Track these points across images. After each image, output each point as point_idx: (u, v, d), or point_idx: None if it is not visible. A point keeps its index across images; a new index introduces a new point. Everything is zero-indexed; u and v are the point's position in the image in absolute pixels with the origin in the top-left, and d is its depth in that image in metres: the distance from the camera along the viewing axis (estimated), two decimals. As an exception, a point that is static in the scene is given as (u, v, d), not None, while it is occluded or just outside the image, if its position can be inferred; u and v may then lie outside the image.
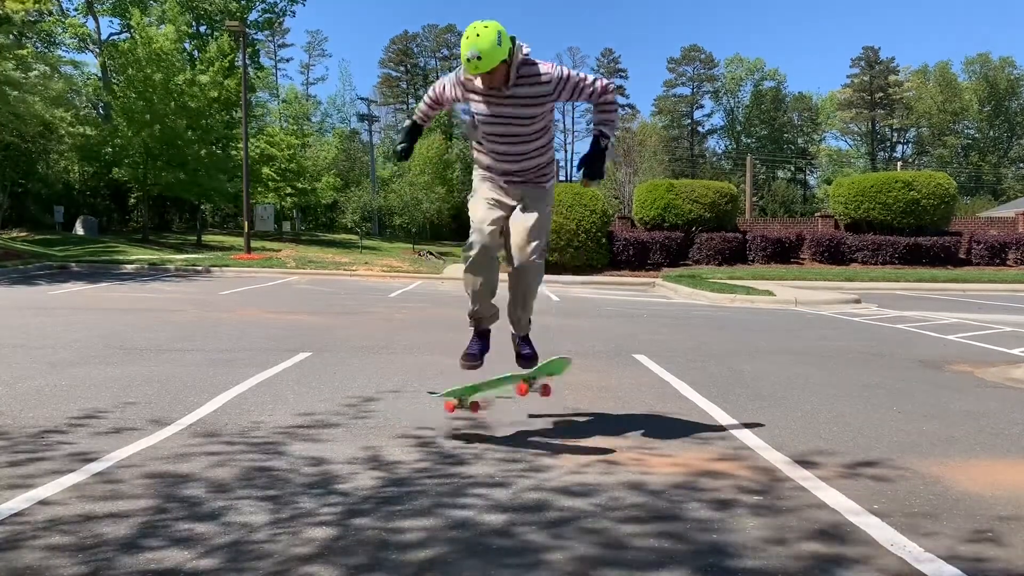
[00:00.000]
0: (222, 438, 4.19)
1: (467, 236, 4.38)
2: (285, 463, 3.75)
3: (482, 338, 4.39)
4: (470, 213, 4.20)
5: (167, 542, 2.77)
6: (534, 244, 4.08)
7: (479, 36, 3.66)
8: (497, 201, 4.15)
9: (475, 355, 4.33)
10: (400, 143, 4.35)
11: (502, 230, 4.16)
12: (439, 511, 3.12)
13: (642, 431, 4.46)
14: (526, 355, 4.38)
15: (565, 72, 3.94)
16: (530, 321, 4.44)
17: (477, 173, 4.31)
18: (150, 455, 3.84)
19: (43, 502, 3.15)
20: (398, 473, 3.63)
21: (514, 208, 4.16)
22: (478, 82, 3.91)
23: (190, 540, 2.79)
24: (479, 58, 3.66)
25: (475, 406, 4.46)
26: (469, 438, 4.26)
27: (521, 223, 4.10)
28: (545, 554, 2.71)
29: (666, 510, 3.17)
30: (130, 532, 2.86)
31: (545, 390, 4.35)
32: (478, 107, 3.99)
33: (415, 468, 3.71)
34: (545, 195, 4.22)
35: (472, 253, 4.09)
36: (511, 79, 3.83)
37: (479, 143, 4.13)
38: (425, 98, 4.33)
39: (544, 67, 3.89)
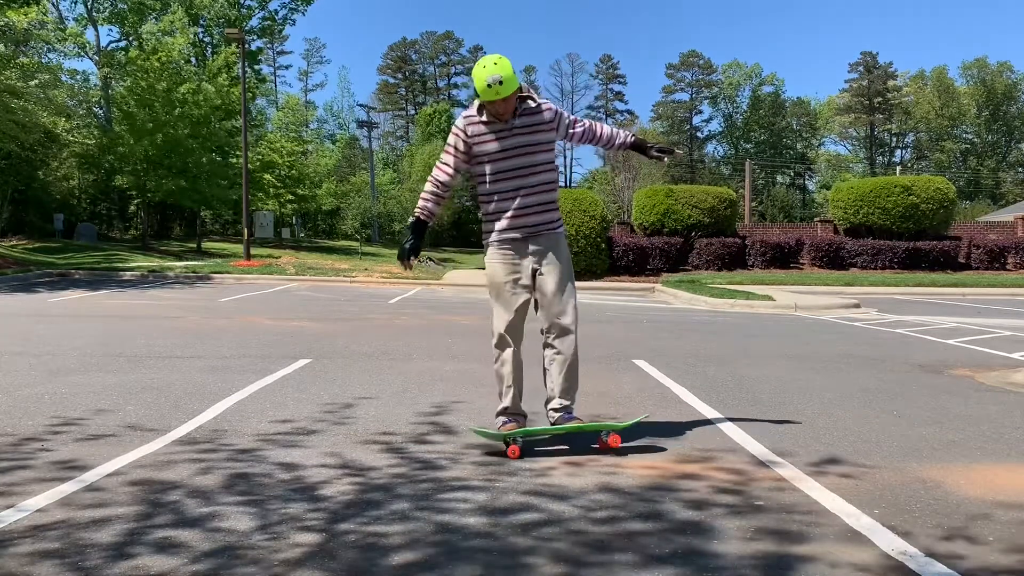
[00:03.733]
0: (220, 445, 4.18)
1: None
2: (283, 470, 3.75)
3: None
4: (493, 303, 4.19)
5: (159, 549, 2.76)
6: (570, 313, 4.13)
7: (496, 64, 3.88)
8: (516, 282, 4.13)
9: (520, 417, 4.21)
10: (408, 240, 4.28)
11: (524, 319, 4.16)
12: (425, 515, 3.11)
13: (641, 435, 4.46)
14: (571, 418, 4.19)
15: (560, 109, 4.26)
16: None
17: (491, 246, 4.19)
18: (148, 462, 3.84)
19: (39, 510, 3.15)
20: (384, 478, 3.62)
21: (534, 275, 4.13)
22: (480, 126, 4.06)
23: (182, 547, 2.78)
24: (500, 83, 3.85)
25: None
26: (468, 444, 4.26)
27: (551, 294, 4.11)
28: (533, 556, 2.71)
29: (663, 513, 3.17)
30: (125, 540, 2.85)
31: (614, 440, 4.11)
32: (488, 147, 4.08)
33: (403, 473, 3.70)
34: (561, 243, 4.22)
35: (503, 355, 4.14)
36: (517, 111, 4.05)
37: (488, 193, 4.17)
38: (429, 190, 4.22)
39: (540, 99, 4.18)
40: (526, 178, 4.10)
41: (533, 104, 4.10)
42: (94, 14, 41.43)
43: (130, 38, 40.44)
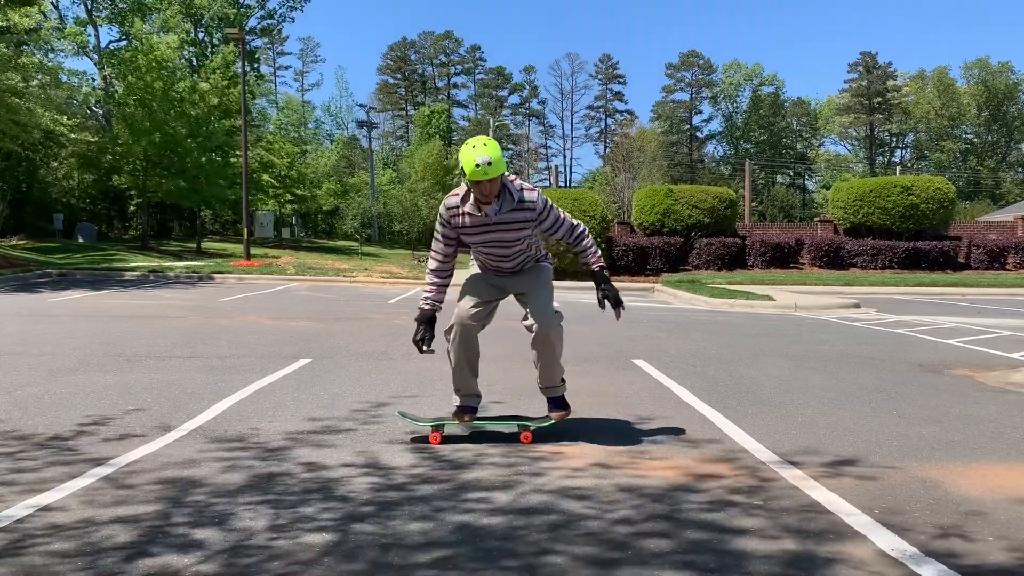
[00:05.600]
0: (222, 445, 4.19)
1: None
2: (285, 469, 3.75)
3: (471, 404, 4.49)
4: (457, 302, 4.42)
5: (166, 548, 2.77)
6: (550, 305, 4.33)
7: (487, 146, 3.93)
8: (484, 291, 4.38)
9: (470, 410, 4.42)
10: (423, 336, 4.37)
11: (485, 314, 4.39)
12: (440, 515, 3.12)
13: (641, 435, 4.47)
14: (556, 409, 4.45)
15: (548, 204, 4.23)
16: (563, 381, 4.49)
17: (471, 265, 4.54)
18: (148, 462, 3.84)
19: (44, 508, 3.16)
20: (398, 478, 3.63)
21: (504, 291, 4.43)
22: (464, 217, 4.17)
23: (190, 546, 2.79)
24: (489, 164, 3.89)
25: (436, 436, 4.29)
26: (467, 442, 4.26)
27: (532, 292, 4.34)
28: (546, 556, 2.71)
29: (665, 513, 3.17)
30: (130, 538, 2.86)
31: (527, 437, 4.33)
32: (468, 233, 4.24)
33: (414, 473, 3.71)
34: (544, 273, 4.46)
35: (452, 335, 4.36)
36: (501, 200, 4.09)
37: (472, 250, 4.43)
38: (431, 281, 4.40)
39: (530, 194, 4.16)
40: (504, 253, 4.28)
41: (517, 196, 4.12)
42: (94, 14, 41.43)
43: (130, 37, 40.45)
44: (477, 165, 3.89)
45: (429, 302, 4.38)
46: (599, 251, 4.44)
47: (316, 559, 2.69)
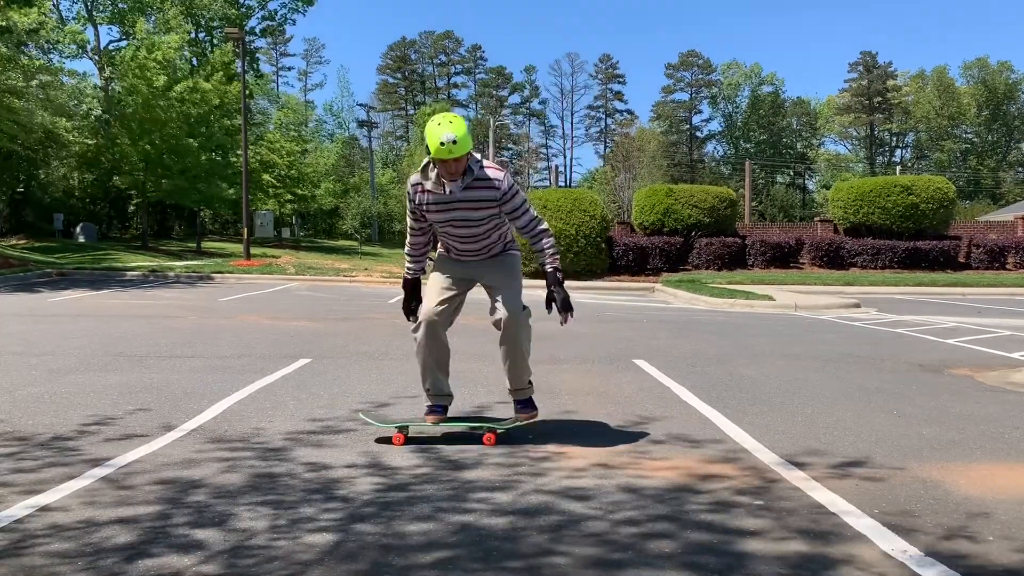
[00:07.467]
0: (222, 445, 4.18)
1: None
2: (286, 469, 3.75)
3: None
4: (423, 297, 4.40)
5: (166, 548, 2.76)
6: (519, 299, 4.26)
7: (452, 123, 3.86)
8: (449, 285, 4.34)
9: (440, 410, 4.39)
10: (408, 303, 4.44)
11: (452, 309, 4.37)
12: (442, 515, 3.12)
13: (642, 436, 4.46)
14: (523, 410, 4.41)
15: (514, 186, 4.15)
16: (531, 383, 4.43)
17: (438, 253, 4.49)
18: (149, 462, 3.84)
19: (44, 508, 3.15)
20: (399, 478, 3.63)
21: (471, 281, 4.38)
22: (426, 195, 4.13)
23: (191, 546, 2.78)
24: (454, 142, 3.82)
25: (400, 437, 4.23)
26: (469, 443, 4.26)
27: (500, 285, 4.27)
28: (548, 557, 2.71)
29: (666, 513, 3.17)
30: (131, 539, 2.85)
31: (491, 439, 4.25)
32: (431, 213, 4.17)
33: (416, 473, 3.71)
34: (512, 262, 4.38)
35: (418, 334, 4.31)
36: (466, 178, 4.02)
37: (438, 232, 4.34)
38: (408, 253, 4.46)
39: (495, 173, 4.11)
40: (468, 233, 4.19)
41: (483, 175, 4.05)
42: (94, 15, 41.40)
43: (130, 37, 40.45)
44: (442, 144, 3.81)
45: (410, 271, 4.47)
46: (558, 255, 4.31)
47: (317, 559, 2.68)
